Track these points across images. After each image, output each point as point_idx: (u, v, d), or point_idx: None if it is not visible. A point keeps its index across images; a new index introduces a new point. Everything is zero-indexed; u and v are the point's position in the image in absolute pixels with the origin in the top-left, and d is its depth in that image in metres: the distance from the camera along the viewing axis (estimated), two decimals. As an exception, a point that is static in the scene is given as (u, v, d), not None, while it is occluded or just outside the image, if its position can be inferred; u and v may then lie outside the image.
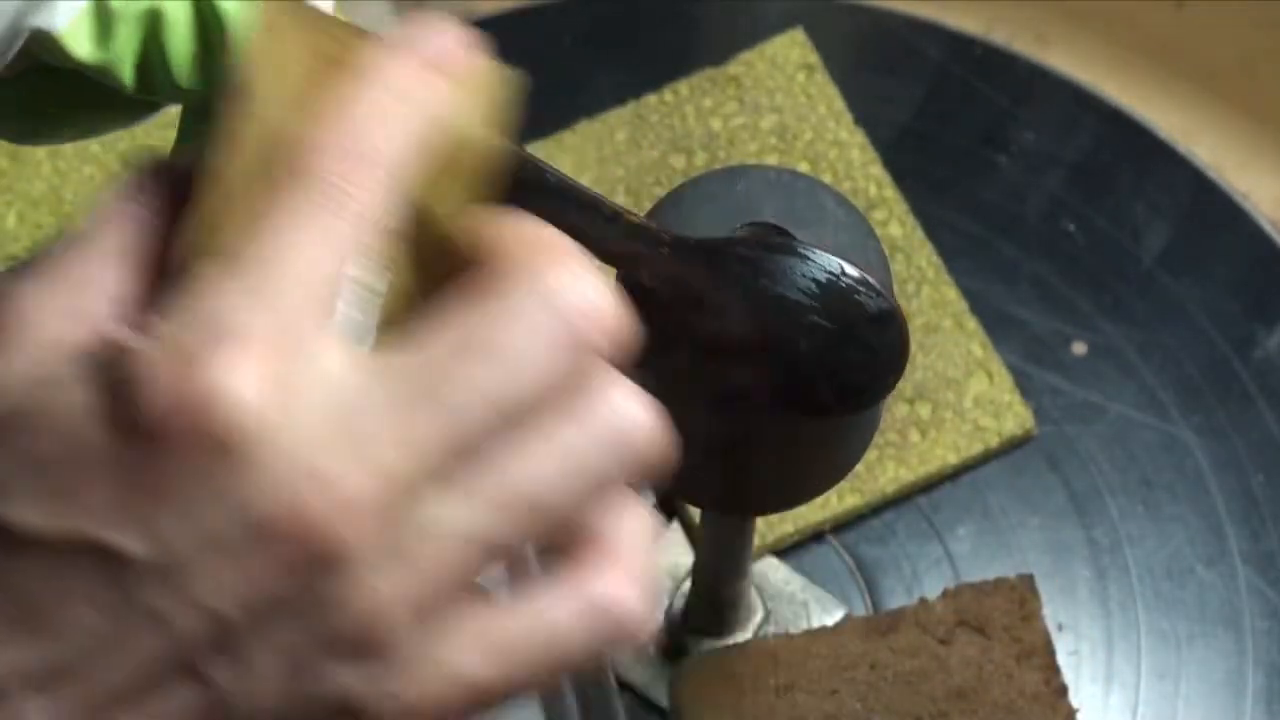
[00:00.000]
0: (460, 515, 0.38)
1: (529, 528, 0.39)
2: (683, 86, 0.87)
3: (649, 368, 0.53)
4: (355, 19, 0.61)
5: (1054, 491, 0.81)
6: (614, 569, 0.40)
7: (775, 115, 0.86)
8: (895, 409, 0.80)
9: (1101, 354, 0.83)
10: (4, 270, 0.84)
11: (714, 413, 0.54)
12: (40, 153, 0.85)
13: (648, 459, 0.40)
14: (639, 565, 0.41)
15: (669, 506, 0.80)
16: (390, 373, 0.38)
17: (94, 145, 0.85)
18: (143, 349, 0.37)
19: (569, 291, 0.39)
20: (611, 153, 0.86)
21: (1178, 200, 0.86)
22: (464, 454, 0.38)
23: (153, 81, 0.50)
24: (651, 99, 0.87)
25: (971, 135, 0.88)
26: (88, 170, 0.85)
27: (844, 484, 0.66)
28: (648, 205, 0.60)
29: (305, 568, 0.37)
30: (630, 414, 0.40)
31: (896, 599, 0.78)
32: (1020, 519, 0.80)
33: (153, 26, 0.49)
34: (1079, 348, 0.83)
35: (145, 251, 0.41)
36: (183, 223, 0.40)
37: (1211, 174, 0.87)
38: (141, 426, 0.37)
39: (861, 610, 0.78)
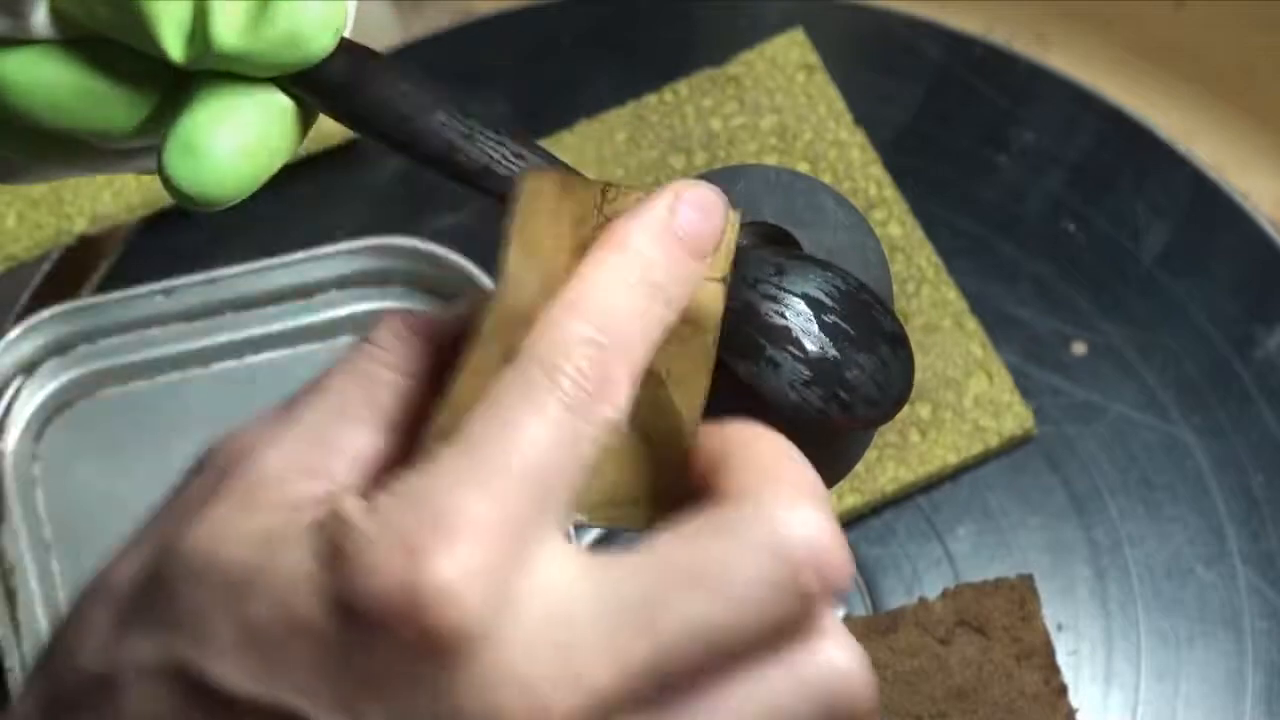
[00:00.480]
0: None
1: None
2: (683, 86, 0.87)
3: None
4: (355, 19, 0.60)
5: (1054, 491, 0.81)
6: None
7: (775, 115, 0.86)
8: (895, 409, 0.80)
9: (1101, 354, 0.83)
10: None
11: (717, 413, 0.54)
12: (40, 153, 0.85)
13: (856, 713, 0.39)
14: None
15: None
16: (611, 589, 0.37)
17: (94, 145, 0.85)
18: (367, 527, 0.37)
19: (797, 533, 0.38)
20: (611, 153, 0.86)
21: (1178, 200, 0.86)
22: (670, 684, 0.37)
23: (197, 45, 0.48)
24: (651, 99, 0.87)
25: (971, 135, 0.88)
26: (88, 170, 0.85)
27: (844, 484, 0.66)
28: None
29: None
30: (842, 668, 0.39)
31: (896, 599, 0.78)
32: (1020, 519, 0.80)
33: None
34: (1079, 348, 0.83)
35: (390, 413, 0.40)
36: (429, 385, 0.40)
37: (1211, 174, 0.87)
38: (358, 609, 0.36)
39: (861, 610, 0.78)
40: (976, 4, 0.92)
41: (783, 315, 0.50)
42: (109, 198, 0.85)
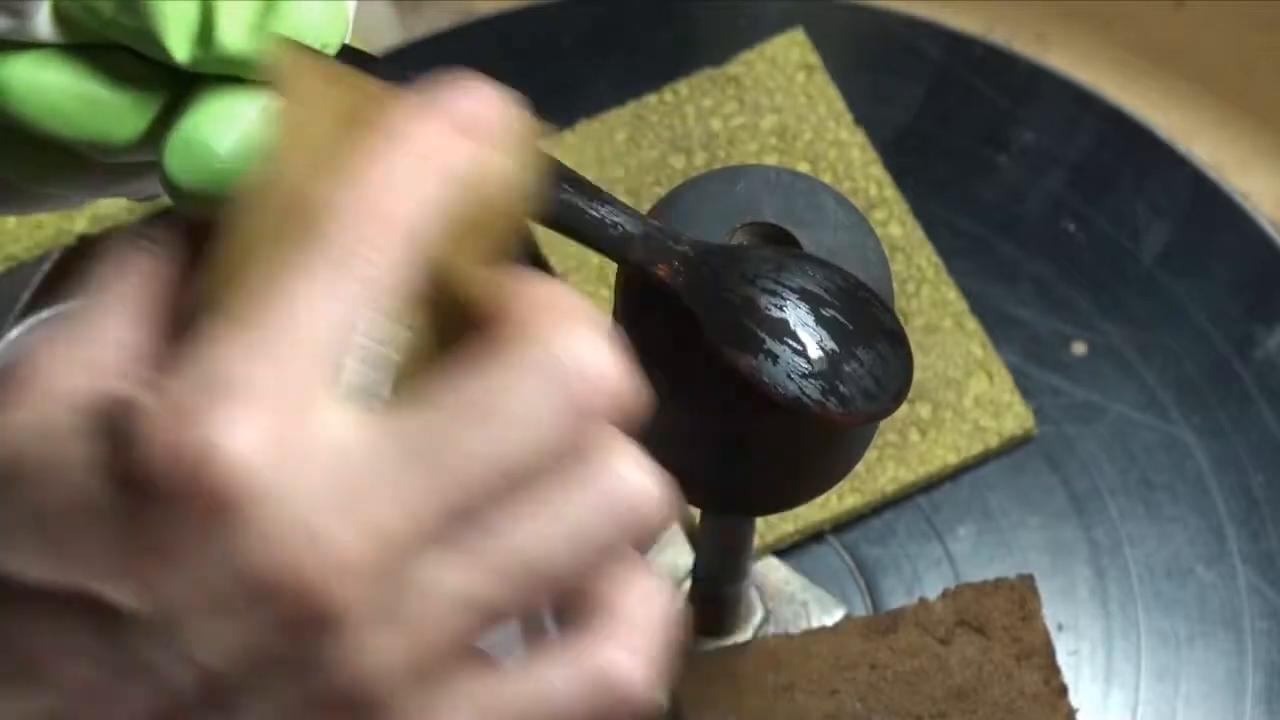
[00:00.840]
0: (458, 579, 0.38)
1: (528, 594, 0.39)
2: (683, 86, 0.87)
3: (657, 368, 0.53)
4: (355, 19, 0.60)
5: (1054, 491, 0.81)
6: (618, 640, 0.40)
7: (775, 115, 0.86)
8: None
9: (1101, 354, 0.83)
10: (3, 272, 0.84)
11: (718, 412, 0.54)
12: (40, 153, 0.85)
13: (652, 527, 0.39)
14: (646, 638, 0.40)
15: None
16: (392, 434, 0.38)
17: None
18: (144, 404, 0.37)
19: (573, 356, 0.38)
20: (611, 153, 0.86)
21: (1178, 200, 0.86)
22: (464, 518, 0.38)
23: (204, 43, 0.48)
24: (651, 99, 0.87)
25: (971, 135, 0.88)
26: (88, 170, 0.85)
27: (844, 484, 0.66)
28: (647, 205, 0.60)
29: (300, 627, 0.37)
30: (634, 482, 0.39)
31: (896, 599, 0.78)
32: (1020, 519, 0.80)
33: None
34: (1079, 348, 0.83)
35: (159, 304, 0.41)
36: (198, 277, 0.40)
37: (1211, 174, 0.87)
38: (139, 481, 0.37)
39: (861, 610, 0.78)
40: (976, 4, 0.92)
41: (781, 309, 0.50)
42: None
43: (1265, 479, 0.80)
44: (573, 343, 0.38)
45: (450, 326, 0.41)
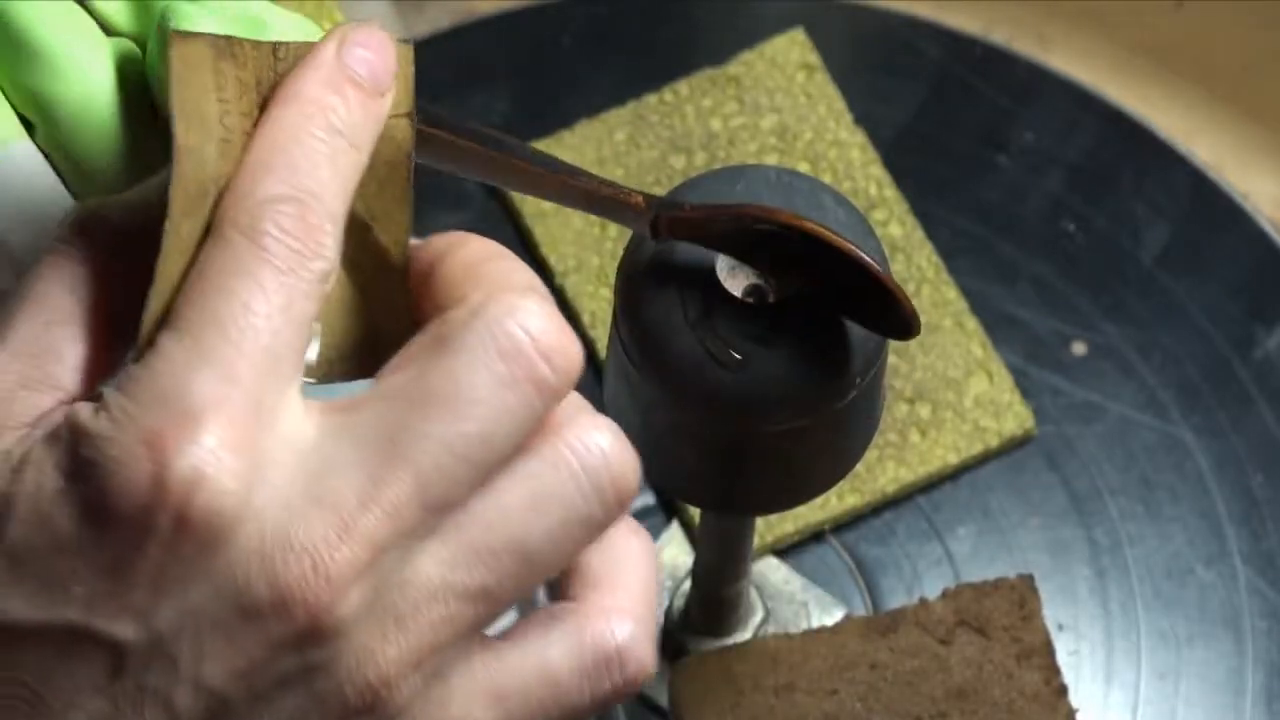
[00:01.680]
0: (443, 568, 0.38)
1: (515, 573, 0.39)
2: (683, 86, 0.87)
3: (657, 366, 0.53)
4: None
5: (1054, 491, 0.81)
6: (611, 607, 0.40)
7: (775, 115, 0.86)
8: (895, 409, 0.80)
9: (1101, 354, 0.83)
10: None
11: (718, 412, 0.54)
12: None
13: (624, 488, 0.40)
14: (638, 601, 0.41)
15: (669, 506, 0.80)
16: (353, 430, 0.38)
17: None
18: (106, 431, 0.37)
19: (515, 327, 0.38)
20: (611, 153, 0.86)
21: (1178, 200, 0.86)
22: (437, 507, 0.38)
23: None
24: (651, 99, 0.87)
25: (971, 135, 0.88)
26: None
27: (844, 484, 0.66)
28: (648, 205, 0.60)
29: (298, 640, 0.37)
30: (597, 445, 0.39)
31: (896, 599, 0.78)
32: (1020, 519, 0.80)
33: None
34: (1079, 348, 0.83)
35: (96, 312, 0.40)
36: (129, 275, 0.40)
37: (1211, 174, 0.87)
38: (113, 513, 0.36)
39: (861, 610, 0.78)
40: (976, 4, 0.92)
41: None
42: (109, 198, 0.85)
43: (1265, 479, 0.80)
44: (513, 313, 0.38)
45: (370, 278, 0.41)
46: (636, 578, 0.41)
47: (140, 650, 0.37)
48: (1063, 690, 0.73)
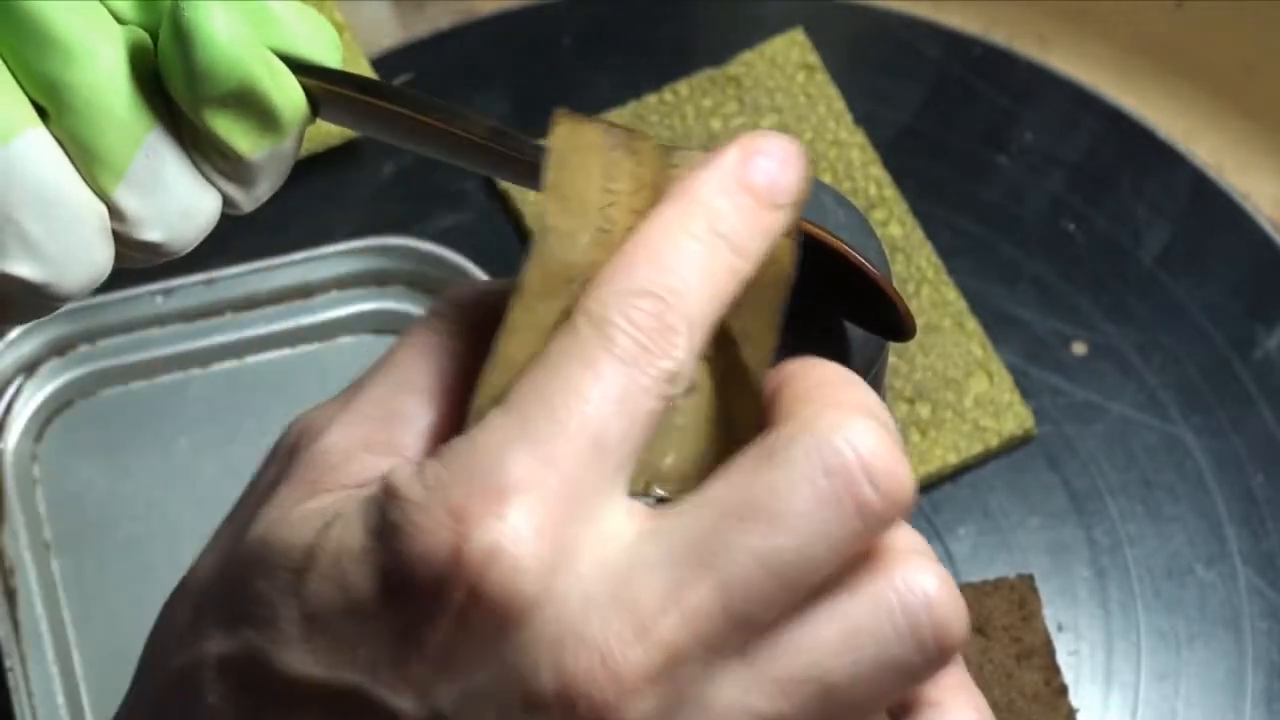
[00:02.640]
0: (741, 692, 0.36)
1: (818, 710, 0.37)
2: (683, 86, 0.87)
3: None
4: (355, 19, 0.60)
5: (1054, 491, 0.81)
6: None
7: (775, 115, 0.86)
8: (895, 409, 0.80)
9: (1101, 354, 0.83)
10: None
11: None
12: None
13: (948, 638, 0.37)
14: None
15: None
16: (668, 534, 0.36)
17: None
18: (415, 496, 0.36)
19: (847, 447, 0.36)
20: (611, 153, 0.86)
21: (1178, 200, 0.86)
22: (745, 627, 0.36)
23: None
24: (651, 99, 0.87)
25: (971, 135, 0.87)
26: (88, 170, 0.85)
27: (844, 484, 0.66)
28: (648, 205, 0.60)
29: None
30: (921, 588, 0.37)
31: (896, 599, 0.78)
32: (1020, 519, 0.80)
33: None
34: (1079, 348, 0.83)
35: (453, 384, 0.39)
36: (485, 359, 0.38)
37: (1211, 174, 0.87)
38: (409, 580, 0.35)
39: (861, 610, 0.78)
40: (976, 4, 0.92)
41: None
42: (109, 198, 0.85)
43: (1265, 479, 0.80)
44: (847, 433, 0.36)
45: (735, 399, 0.39)
46: None
47: None
48: (1063, 690, 0.73)
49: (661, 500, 0.37)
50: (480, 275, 0.80)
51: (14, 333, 0.79)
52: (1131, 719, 0.77)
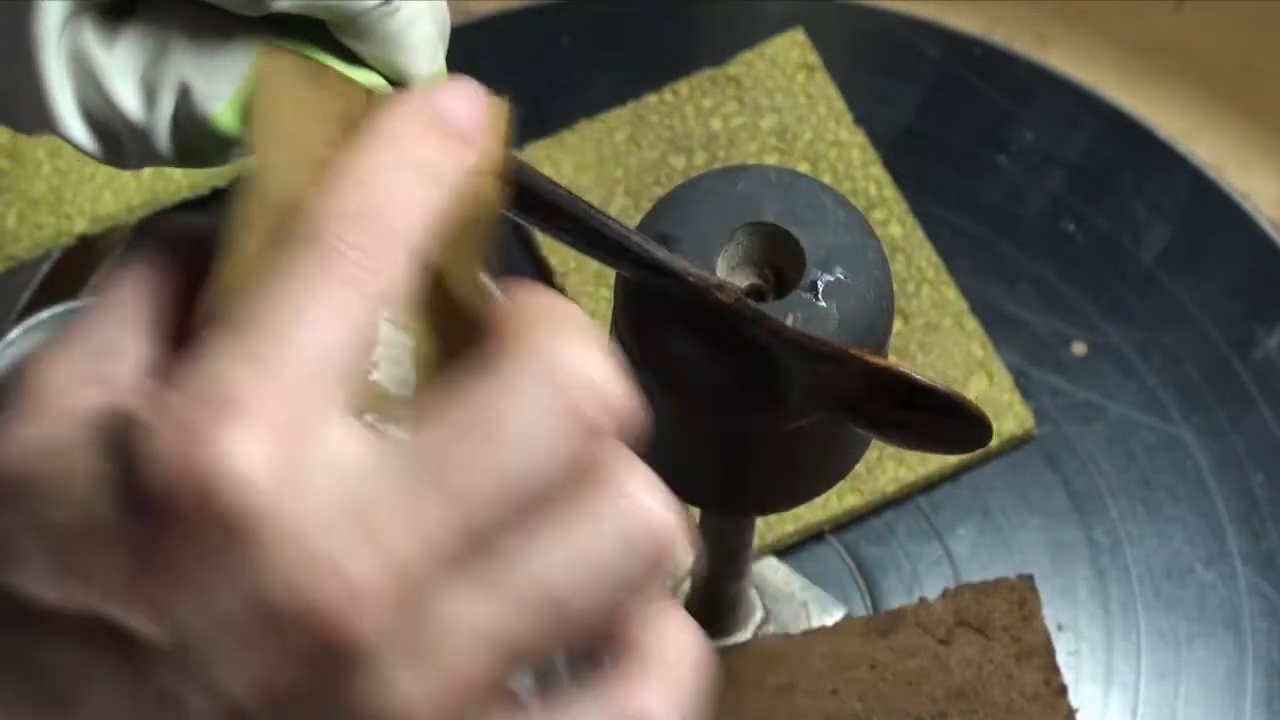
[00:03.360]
0: (480, 611, 0.37)
1: (552, 628, 0.37)
2: (683, 86, 0.87)
3: (658, 368, 0.53)
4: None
5: (1054, 491, 0.81)
6: (650, 682, 0.39)
7: (775, 115, 0.86)
8: (895, 409, 0.80)
9: (1101, 354, 0.83)
10: (3, 271, 0.84)
11: (719, 413, 0.54)
12: (40, 152, 0.85)
13: (669, 556, 0.38)
14: (680, 681, 0.39)
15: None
16: (397, 455, 0.37)
17: (94, 145, 0.85)
18: (149, 419, 0.36)
19: (571, 368, 0.37)
20: (611, 153, 0.86)
21: (1178, 200, 0.86)
22: (478, 545, 0.37)
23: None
24: (651, 99, 0.87)
25: (971, 135, 0.88)
26: (88, 170, 0.85)
27: (844, 484, 0.66)
28: (647, 205, 0.60)
29: (321, 659, 0.36)
30: (649, 508, 0.38)
31: (896, 599, 0.78)
32: (1020, 519, 0.80)
33: None
34: (1079, 348, 0.83)
35: (166, 317, 0.40)
36: (202, 289, 0.39)
37: (1211, 174, 0.87)
38: (144, 500, 0.36)
39: (861, 610, 0.78)
40: (976, 4, 0.92)
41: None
42: (109, 198, 0.85)
43: (1265, 479, 0.80)
44: (572, 355, 0.37)
45: (447, 330, 0.40)
46: (680, 654, 0.39)
47: (158, 649, 0.36)
48: (1063, 690, 0.73)
49: (374, 425, 0.38)
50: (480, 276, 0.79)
51: (14, 332, 0.79)
52: (1131, 719, 0.77)
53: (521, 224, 0.84)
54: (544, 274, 0.83)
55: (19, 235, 0.84)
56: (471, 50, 0.89)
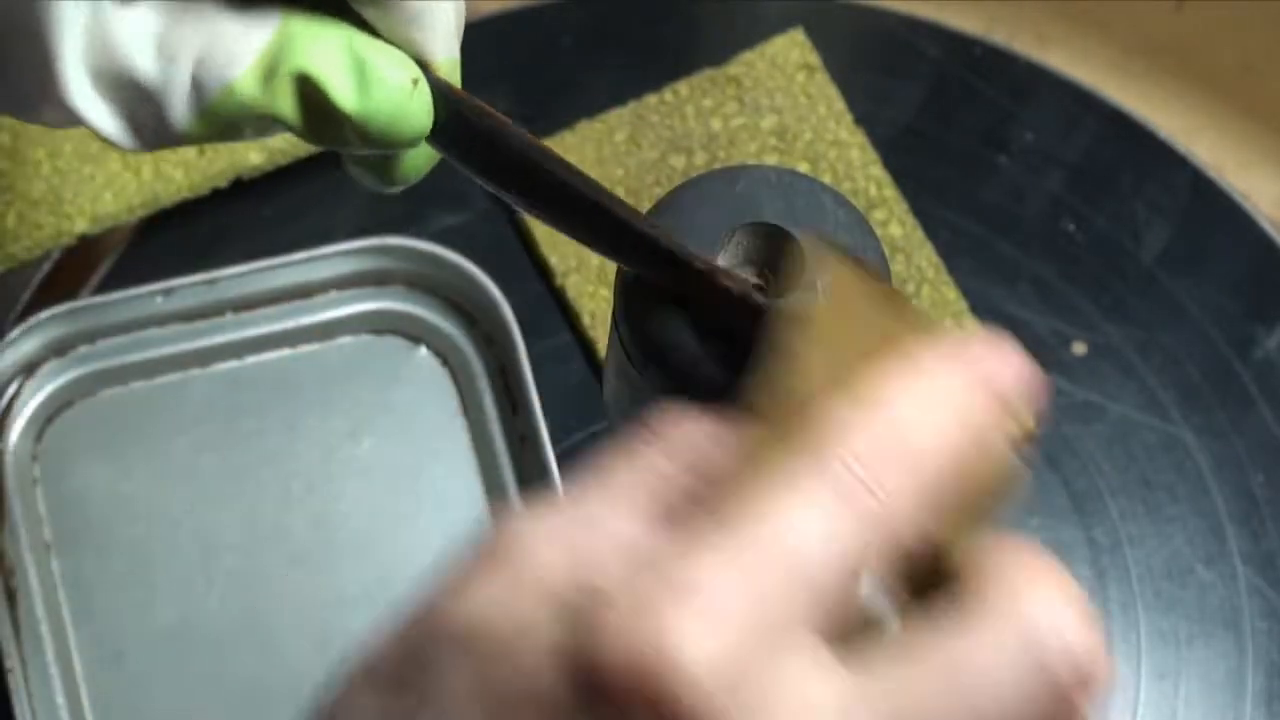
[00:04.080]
0: None
1: None
2: (683, 86, 0.87)
3: (659, 365, 0.53)
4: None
5: (1054, 491, 0.81)
6: None
7: (775, 115, 0.86)
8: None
9: (1101, 354, 0.83)
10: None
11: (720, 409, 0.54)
12: (40, 152, 0.85)
13: None
14: None
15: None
16: (861, 698, 0.35)
17: (93, 145, 0.85)
18: (610, 593, 0.35)
19: (1049, 630, 0.36)
20: (611, 153, 0.86)
21: (1178, 200, 0.86)
22: None
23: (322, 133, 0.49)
24: (651, 99, 0.87)
25: (971, 135, 0.88)
26: (87, 170, 0.85)
27: (844, 484, 0.66)
28: (647, 205, 0.60)
29: None
30: None
31: (896, 599, 0.78)
32: (1020, 519, 0.80)
33: (305, 87, 0.48)
34: (1079, 348, 0.83)
35: (661, 500, 0.38)
36: (698, 474, 0.38)
37: (1211, 174, 0.87)
38: (593, 677, 0.34)
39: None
40: (976, 4, 0.92)
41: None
42: (109, 198, 0.85)
43: (1265, 479, 0.80)
44: (1050, 611, 0.37)
45: (921, 587, 0.38)
46: None
47: None
48: (1063, 690, 0.73)
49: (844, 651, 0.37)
50: (480, 275, 0.79)
51: (14, 332, 0.79)
52: (1131, 719, 0.77)
53: (520, 214, 0.84)
54: (544, 274, 0.83)
55: (19, 235, 0.84)
56: (471, 50, 0.89)
